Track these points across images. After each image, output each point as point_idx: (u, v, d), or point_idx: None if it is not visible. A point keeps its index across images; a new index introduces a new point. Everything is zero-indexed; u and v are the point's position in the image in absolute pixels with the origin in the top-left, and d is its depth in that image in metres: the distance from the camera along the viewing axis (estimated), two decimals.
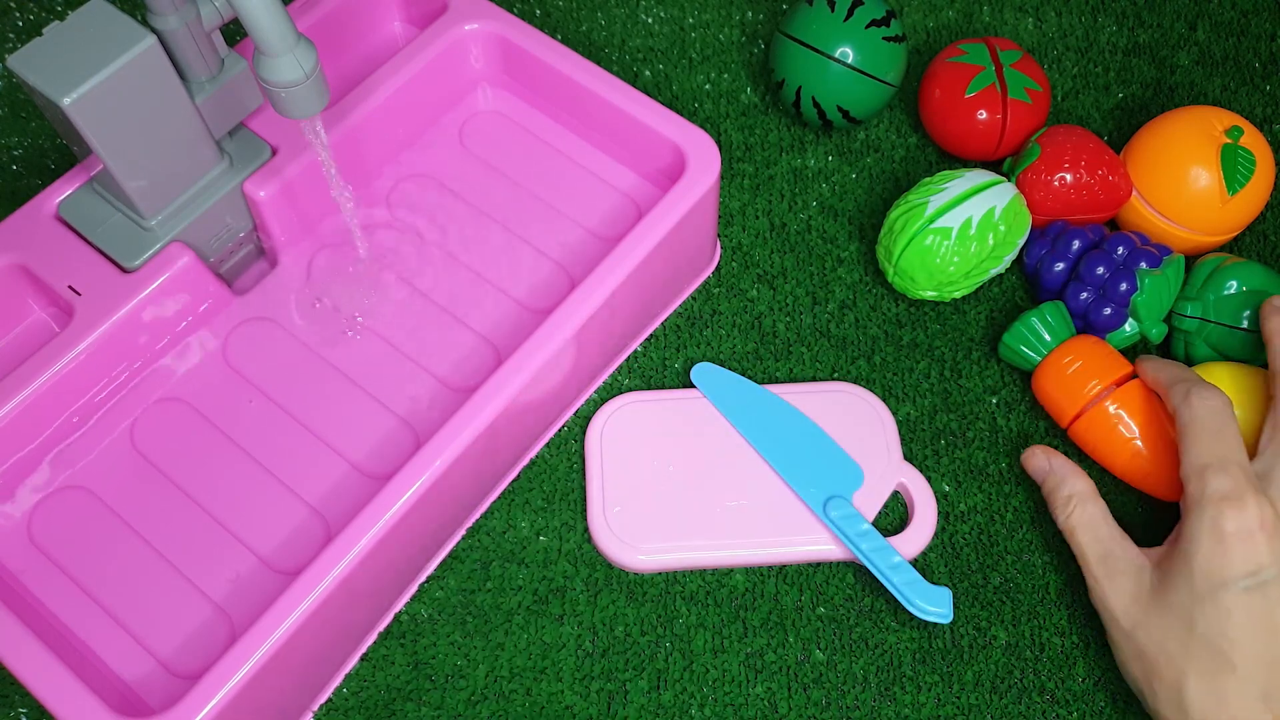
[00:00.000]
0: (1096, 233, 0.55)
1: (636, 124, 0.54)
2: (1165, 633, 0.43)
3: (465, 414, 0.46)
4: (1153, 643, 0.43)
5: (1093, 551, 0.46)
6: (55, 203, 0.50)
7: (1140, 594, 0.44)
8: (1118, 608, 0.45)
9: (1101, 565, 0.46)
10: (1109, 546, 0.46)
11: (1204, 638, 0.41)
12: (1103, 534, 0.46)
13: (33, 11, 0.67)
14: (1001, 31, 0.67)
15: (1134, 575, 0.44)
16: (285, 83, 0.39)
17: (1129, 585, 0.44)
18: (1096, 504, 0.47)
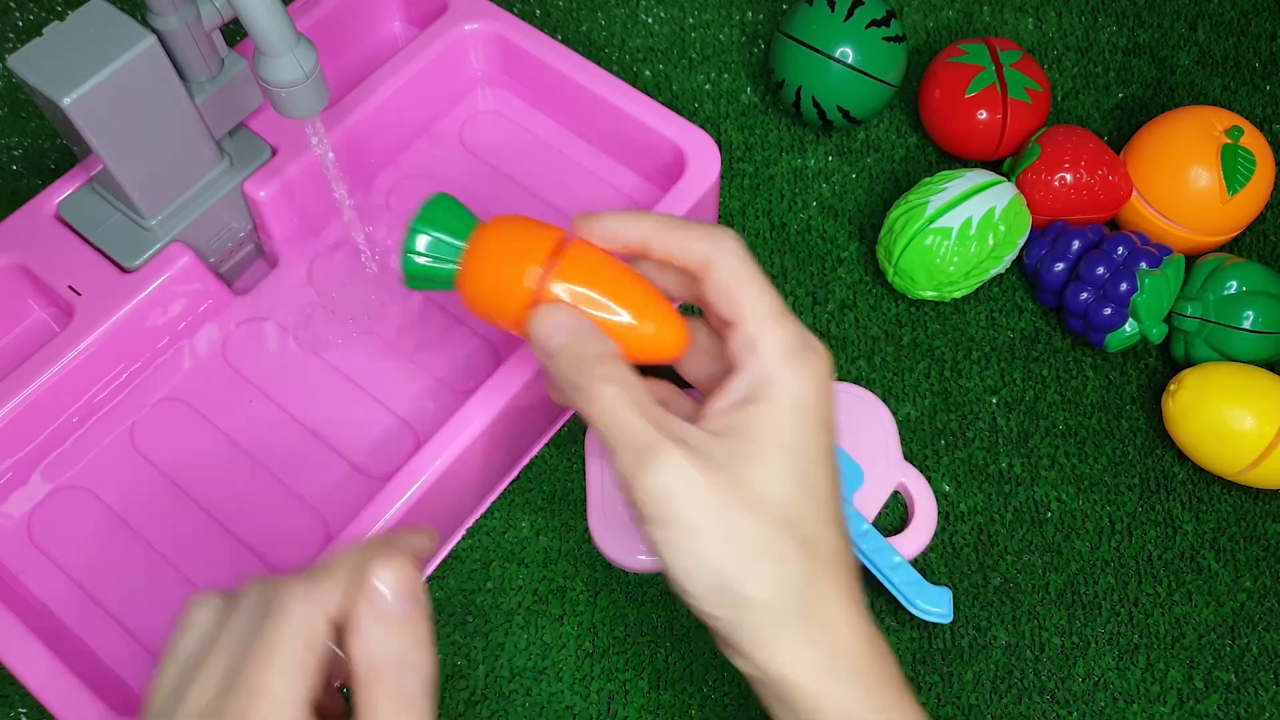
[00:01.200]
0: (1096, 233, 0.55)
1: (636, 124, 0.54)
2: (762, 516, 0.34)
3: (465, 414, 0.46)
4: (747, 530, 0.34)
5: (654, 425, 0.35)
6: (55, 203, 0.50)
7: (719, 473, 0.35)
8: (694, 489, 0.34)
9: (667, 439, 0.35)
10: (661, 415, 0.36)
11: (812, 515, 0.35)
12: (643, 395, 0.36)
13: (33, 11, 0.67)
14: (1001, 31, 0.67)
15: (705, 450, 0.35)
16: (285, 83, 0.39)
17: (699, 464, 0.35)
18: (631, 369, 0.37)
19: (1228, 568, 0.51)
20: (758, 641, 0.35)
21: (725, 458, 0.35)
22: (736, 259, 0.38)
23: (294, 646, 0.30)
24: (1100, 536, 0.52)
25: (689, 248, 0.38)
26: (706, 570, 0.34)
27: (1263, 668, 0.49)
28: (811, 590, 0.35)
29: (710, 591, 0.35)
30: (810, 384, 0.36)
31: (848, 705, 0.34)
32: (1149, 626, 0.50)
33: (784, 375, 0.36)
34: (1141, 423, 0.55)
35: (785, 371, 0.36)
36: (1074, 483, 0.53)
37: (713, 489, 0.34)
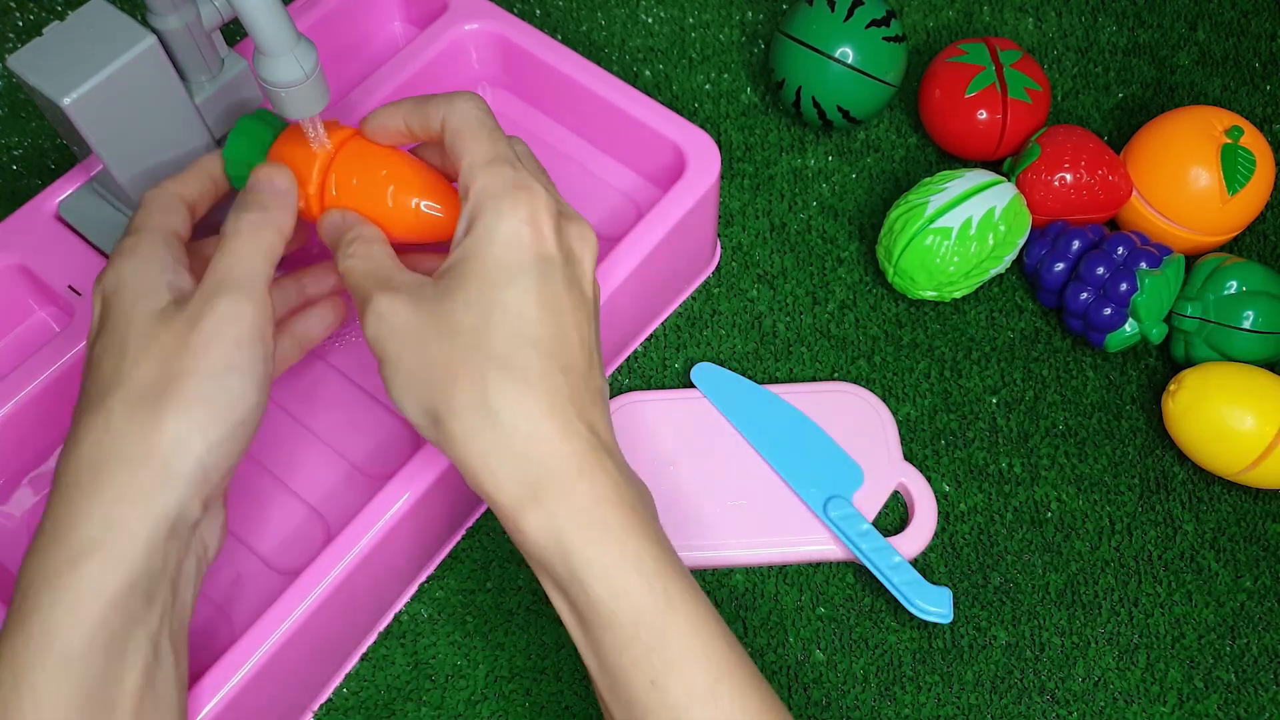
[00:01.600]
0: (1096, 233, 0.55)
1: (636, 124, 0.54)
2: (460, 325, 0.37)
3: None
4: (446, 342, 0.37)
5: (369, 282, 0.39)
6: (55, 203, 0.50)
7: (421, 307, 0.38)
8: (401, 319, 0.38)
9: (381, 286, 0.39)
10: (390, 271, 0.40)
11: (504, 322, 0.37)
12: (382, 260, 0.40)
13: (33, 11, 0.67)
14: (1001, 31, 0.67)
15: (414, 291, 0.38)
16: (285, 82, 0.39)
17: (410, 296, 0.38)
18: (384, 245, 0.41)
19: (1228, 568, 0.51)
20: (458, 459, 0.37)
21: (433, 295, 0.38)
22: (466, 115, 0.40)
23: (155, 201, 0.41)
24: (1100, 536, 0.52)
25: (429, 115, 0.41)
26: (410, 398, 0.38)
27: (1263, 668, 0.49)
28: (500, 403, 0.36)
29: (418, 415, 0.38)
30: (513, 218, 0.38)
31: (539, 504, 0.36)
32: (1149, 626, 0.50)
33: (487, 212, 0.38)
34: (1141, 423, 0.55)
35: (489, 209, 0.38)
36: (1074, 483, 0.53)
37: (412, 324, 0.37)
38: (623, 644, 0.36)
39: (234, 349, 0.37)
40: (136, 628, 0.35)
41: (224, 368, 0.37)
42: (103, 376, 0.37)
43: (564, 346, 0.38)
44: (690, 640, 0.36)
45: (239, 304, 0.38)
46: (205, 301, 0.37)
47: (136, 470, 0.35)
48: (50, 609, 0.34)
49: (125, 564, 0.35)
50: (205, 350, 0.37)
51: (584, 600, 0.36)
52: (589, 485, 0.37)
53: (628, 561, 0.36)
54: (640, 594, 0.36)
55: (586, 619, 0.37)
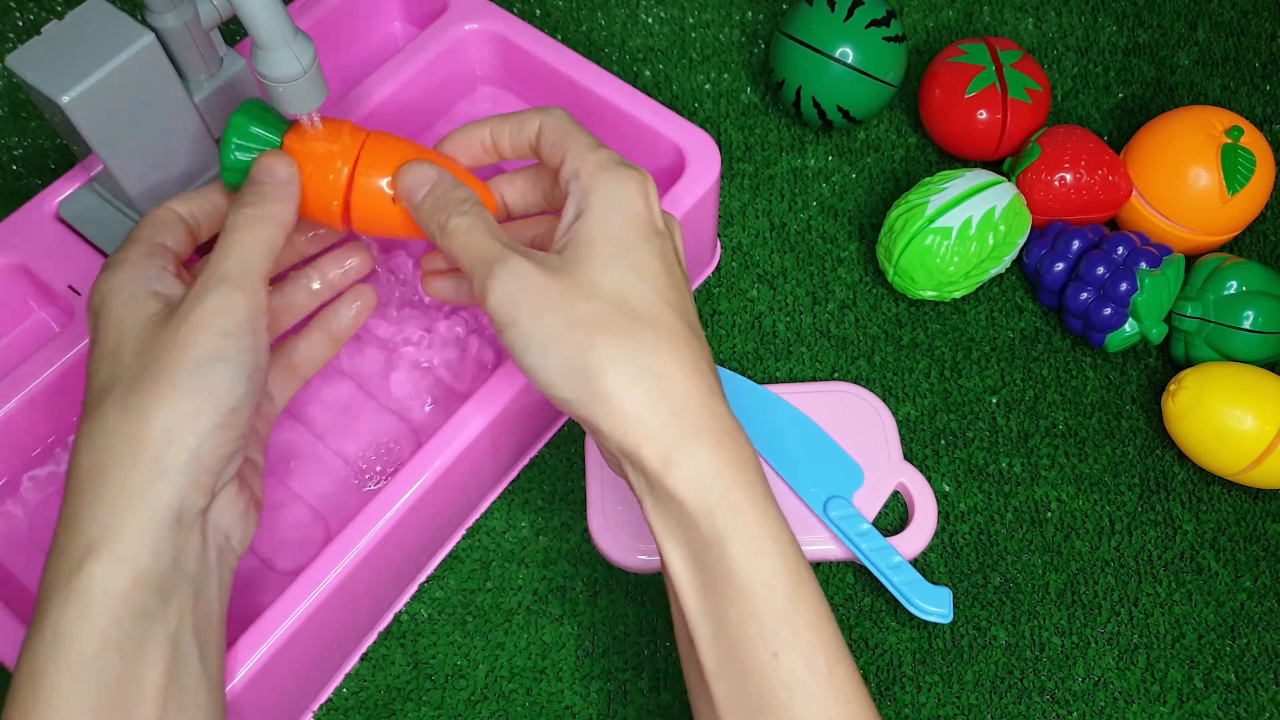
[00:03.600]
0: (1096, 233, 0.55)
1: (636, 124, 0.54)
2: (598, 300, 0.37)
3: (465, 414, 0.46)
4: (589, 314, 0.37)
5: (496, 242, 0.39)
6: (55, 203, 0.50)
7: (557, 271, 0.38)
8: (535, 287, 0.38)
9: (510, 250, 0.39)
10: (507, 238, 0.40)
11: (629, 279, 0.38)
12: (496, 225, 0.40)
13: (33, 11, 0.67)
14: (1001, 31, 0.67)
15: (542, 259, 0.39)
16: (283, 77, 0.39)
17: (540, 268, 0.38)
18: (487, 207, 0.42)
19: (1228, 568, 0.51)
20: (608, 414, 0.37)
21: (562, 264, 0.38)
22: (562, 119, 0.42)
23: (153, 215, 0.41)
24: (1100, 536, 0.52)
25: (524, 123, 0.43)
26: (554, 355, 0.37)
27: (1263, 668, 0.49)
28: (652, 360, 0.37)
29: (561, 374, 0.37)
30: (629, 190, 0.39)
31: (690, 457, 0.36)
32: (1149, 626, 0.50)
33: (603, 185, 0.39)
34: (1141, 423, 0.55)
35: (607, 185, 0.39)
36: (1074, 483, 0.53)
37: (552, 287, 0.38)
38: (749, 612, 0.36)
39: (221, 339, 0.37)
40: (153, 625, 0.35)
41: (209, 357, 0.37)
42: (98, 384, 0.37)
43: (691, 311, 0.40)
44: (815, 617, 0.37)
45: (230, 295, 0.38)
46: (196, 295, 0.38)
47: (129, 468, 0.35)
48: (62, 612, 0.34)
49: (130, 561, 0.35)
50: (192, 342, 0.37)
51: (718, 562, 0.36)
52: (735, 444, 0.37)
53: (768, 526, 0.36)
54: (776, 561, 0.36)
55: (715, 583, 0.36)
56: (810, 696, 0.36)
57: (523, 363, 0.38)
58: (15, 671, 0.35)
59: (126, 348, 0.37)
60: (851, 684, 0.37)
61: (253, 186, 0.40)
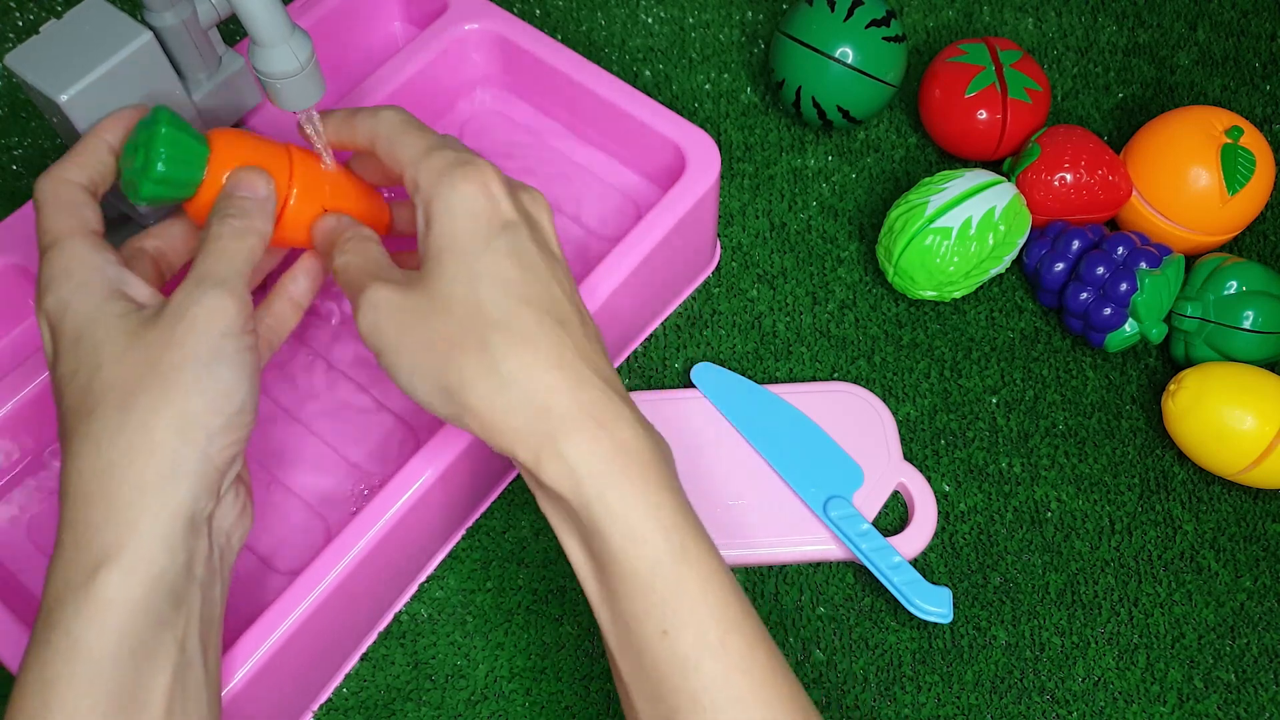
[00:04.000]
0: (1096, 233, 0.55)
1: (636, 124, 0.54)
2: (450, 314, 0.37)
3: None
4: (443, 330, 0.37)
5: (363, 274, 0.40)
6: None
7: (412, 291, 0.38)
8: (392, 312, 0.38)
9: (371, 280, 0.39)
10: (381, 266, 0.40)
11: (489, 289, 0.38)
12: (376, 255, 0.41)
13: (32, 11, 0.67)
14: (1001, 31, 0.67)
15: (403, 279, 0.39)
16: (281, 73, 0.39)
17: (398, 290, 0.39)
18: (376, 243, 0.42)
19: (1228, 568, 0.51)
20: (480, 426, 0.37)
21: (420, 281, 0.39)
22: (393, 122, 0.41)
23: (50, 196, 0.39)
24: (1100, 536, 0.52)
25: (356, 129, 0.42)
26: (419, 380, 0.38)
27: (1263, 668, 0.49)
28: (511, 364, 0.37)
29: (430, 394, 0.38)
30: (467, 191, 0.39)
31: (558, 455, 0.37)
32: (1149, 626, 0.50)
33: (440, 192, 0.39)
34: (1141, 423, 0.55)
35: (442, 189, 0.39)
36: (1074, 483, 0.53)
37: (406, 307, 0.38)
38: (637, 592, 0.36)
39: (221, 340, 0.37)
40: (164, 631, 0.35)
41: (212, 358, 0.36)
42: (81, 392, 0.36)
43: (554, 301, 0.39)
44: (703, 592, 0.37)
45: (223, 298, 0.37)
46: (189, 297, 0.37)
47: (143, 470, 0.35)
48: (74, 620, 0.34)
49: (145, 567, 0.35)
50: (193, 343, 0.36)
51: (602, 549, 0.37)
52: (608, 434, 0.37)
53: (646, 511, 0.37)
54: (657, 543, 0.36)
55: (604, 569, 0.37)
56: (704, 672, 0.36)
57: (399, 385, 0.39)
58: (20, 680, 0.34)
59: (106, 350, 0.36)
60: (747, 652, 0.37)
61: (234, 201, 0.40)
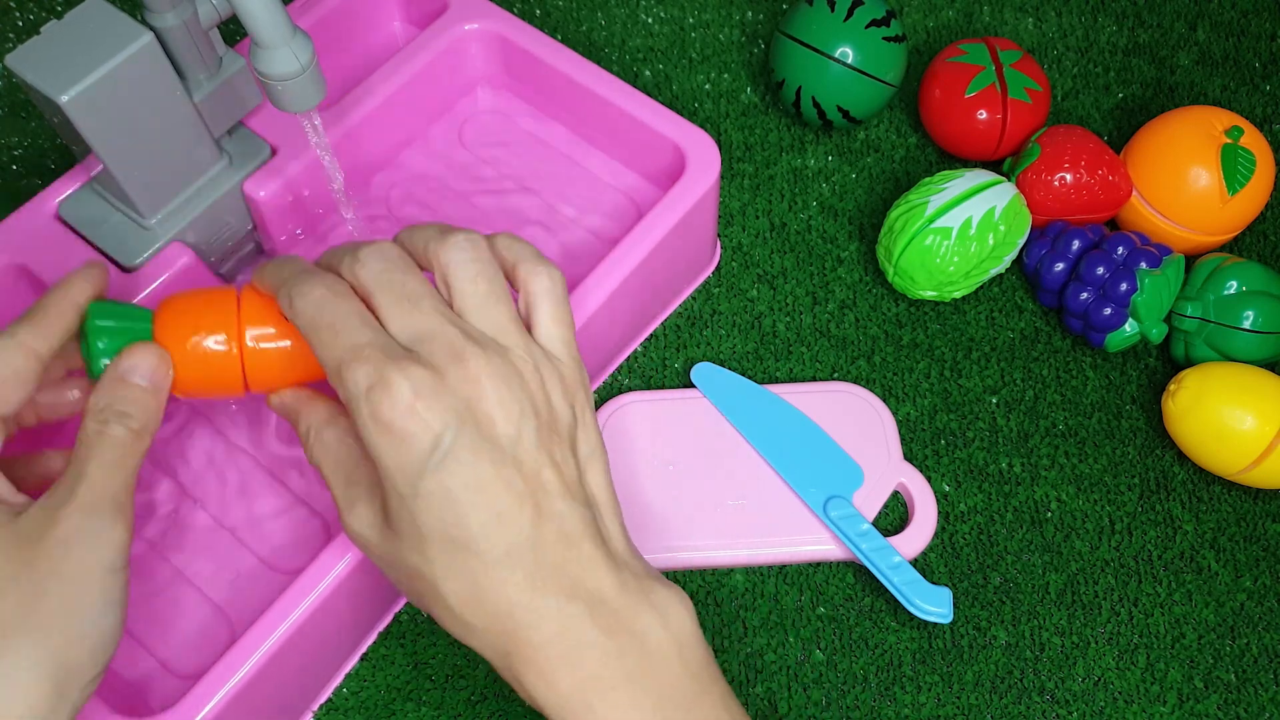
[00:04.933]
0: (1096, 233, 0.55)
1: (636, 124, 0.54)
2: (406, 548, 0.36)
3: None
4: (404, 564, 0.36)
5: (336, 482, 0.38)
6: (55, 203, 0.50)
7: (377, 518, 0.37)
8: (365, 539, 0.37)
9: (345, 496, 0.38)
10: (350, 472, 0.38)
11: (434, 536, 0.35)
12: (343, 457, 0.38)
13: (33, 11, 0.67)
14: (1001, 31, 0.67)
15: (369, 500, 0.37)
16: (282, 75, 0.39)
17: (367, 513, 0.37)
18: (335, 427, 0.39)
19: (1228, 568, 0.51)
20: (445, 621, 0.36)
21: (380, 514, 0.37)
22: (308, 308, 0.37)
23: None
24: (1100, 536, 0.52)
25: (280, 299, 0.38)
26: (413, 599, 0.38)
27: (1263, 668, 0.49)
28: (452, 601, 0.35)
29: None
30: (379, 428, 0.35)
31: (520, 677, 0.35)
32: (1149, 626, 0.50)
33: (361, 423, 0.35)
34: (1141, 423, 0.55)
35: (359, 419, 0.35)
36: (1074, 483, 0.53)
37: (378, 544, 0.37)
38: None
39: (107, 577, 0.34)
40: None
41: (101, 602, 0.34)
42: None
43: (501, 521, 0.35)
44: None
45: (115, 527, 0.35)
46: (77, 527, 0.34)
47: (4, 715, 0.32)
48: None
49: None
50: (81, 584, 0.34)
51: None
52: (569, 669, 0.35)
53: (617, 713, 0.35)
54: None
55: None
56: None
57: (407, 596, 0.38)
58: None
59: None
60: None
61: (122, 394, 0.37)
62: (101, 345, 0.38)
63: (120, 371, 0.37)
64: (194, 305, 0.39)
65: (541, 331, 0.38)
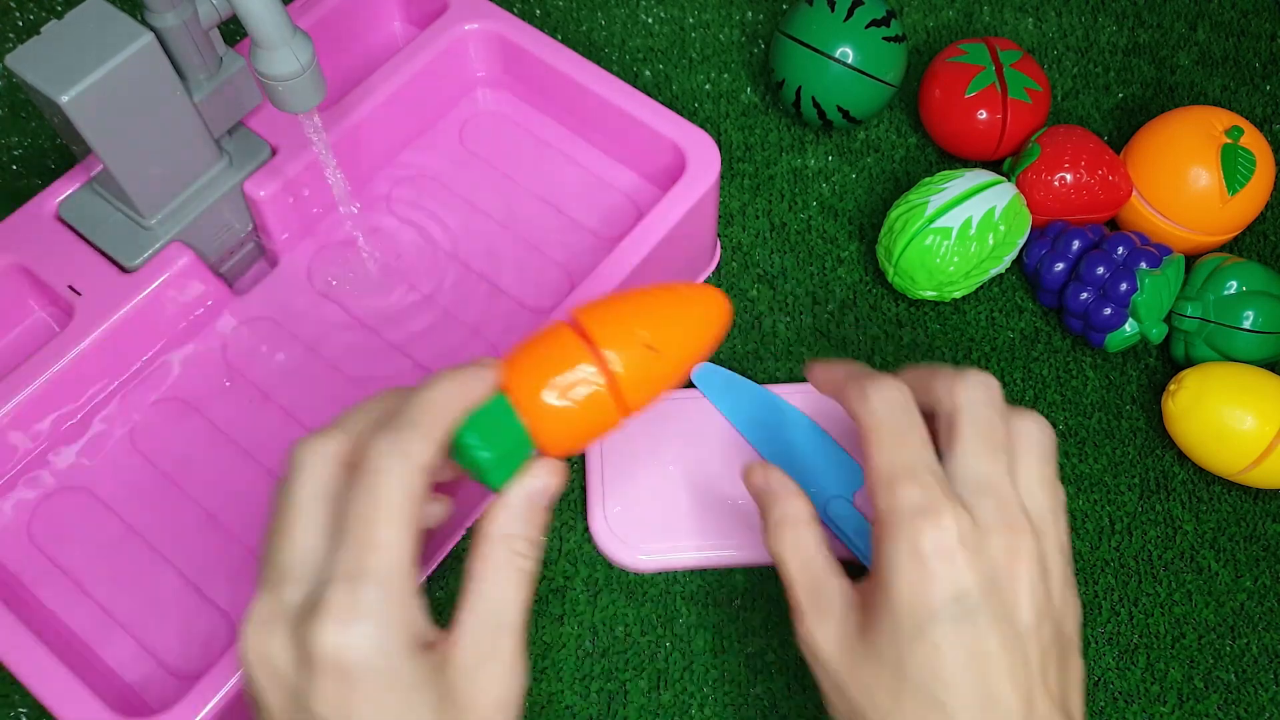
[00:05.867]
0: (1096, 233, 0.55)
1: (636, 124, 0.54)
2: (875, 682, 0.34)
3: None
4: (863, 695, 0.34)
5: (802, 584, 0.37)
6: (55, 203, 0.50)
7: (847, 637, 0.35)
8: (826, 653, 0.36)
9: (811, 601, 0.37)
10: (821, 580, 0.37)
11: (915, 684, 0.33)
12: (816, 564, 0.37)
13: (33, 11, 0.67)
14: (1001, 31, 0.67)
15: (843, 616, 0.36)
16: (282, 76, 0.39)
17: (836, 628, 0.36)
18: (815, 530, 0.38)
19: (1228, 568, 0.51)
20: None
21: (856, 632, 0.36)
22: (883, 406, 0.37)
23: (400, 497, 0.31)
24: (1100, 536, 0.52)
25: (852, 401, 0.38)
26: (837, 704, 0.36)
27: (1263, 668, 0.49)
28: None
29: None
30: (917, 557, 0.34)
31: None
32: (1149, 626, 0.50)
33: (887, 542, 0.35)
34: (1141, 423, 0.55)
35: (888, 538, 0.35)
36: (1074, 483, 0.53)
37: (838, 666, 0.35)
38: None
39: (512, 711, 0.33)
40: None
41: None
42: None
43: (990, 704, 0.33)
44: None
45: (515, 670, 0.33)
46: (489, 674, 0.32)
47: None
48: None
49: None
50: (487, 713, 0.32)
51: None
52: None
53: None
54: None
55: None
56: None
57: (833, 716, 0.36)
58: None
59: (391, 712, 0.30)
60: None
61: (534, 515, 0.35)
62: (488, 457, 0.34)
63: (530, 495, 0.35)
64: (538, 356, 0.36)
65: (1033, 504, 0.36)
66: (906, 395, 0.37)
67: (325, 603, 0.30)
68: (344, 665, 0.30)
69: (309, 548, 0.32)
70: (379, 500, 0.31)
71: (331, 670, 0.30)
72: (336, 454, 0.33)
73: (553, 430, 0.35)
